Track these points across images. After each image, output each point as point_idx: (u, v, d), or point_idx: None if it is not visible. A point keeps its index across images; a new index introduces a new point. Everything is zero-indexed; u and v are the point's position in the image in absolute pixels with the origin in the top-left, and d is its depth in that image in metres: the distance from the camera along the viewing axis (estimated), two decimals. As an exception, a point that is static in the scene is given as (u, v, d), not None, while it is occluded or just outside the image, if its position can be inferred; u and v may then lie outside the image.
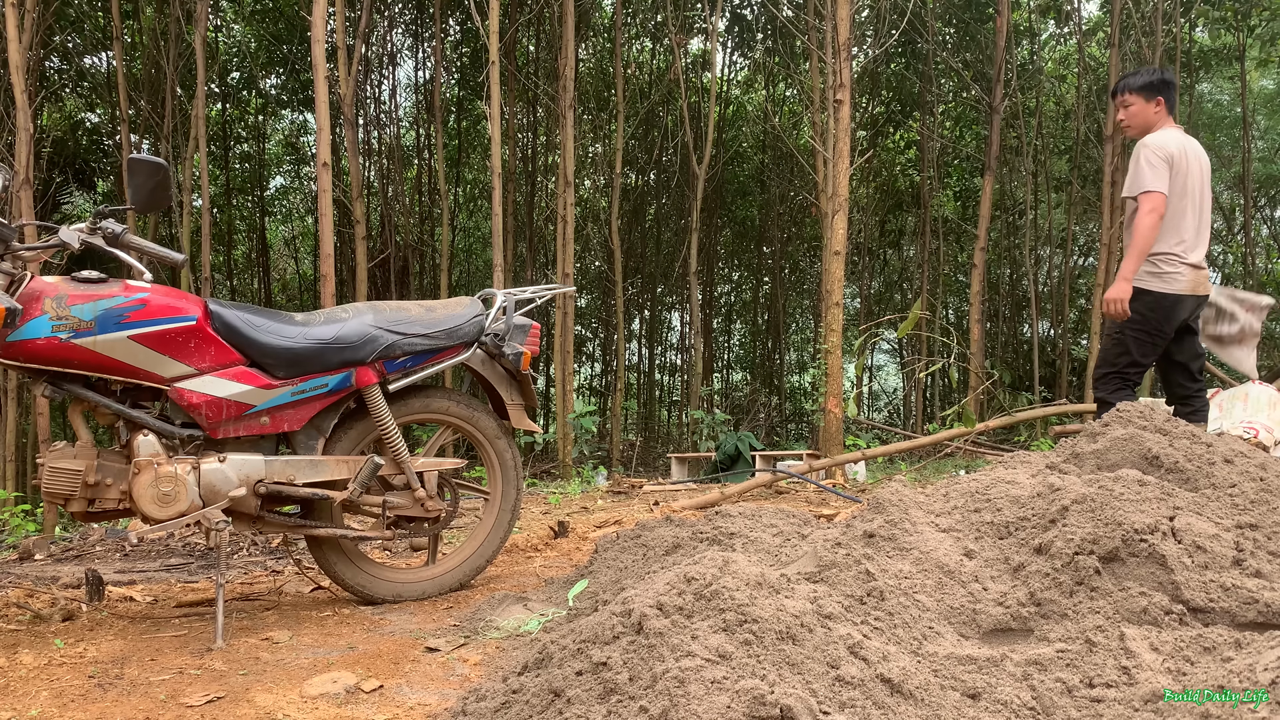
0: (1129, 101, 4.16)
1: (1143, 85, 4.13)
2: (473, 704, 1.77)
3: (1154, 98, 4.12)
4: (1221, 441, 2.56)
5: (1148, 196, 3.94)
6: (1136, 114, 4.16)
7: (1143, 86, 4.13)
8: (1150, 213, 3.92)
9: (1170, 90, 4.13)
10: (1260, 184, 16.19)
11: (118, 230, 2.65)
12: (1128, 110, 4.18)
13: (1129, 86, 4.16)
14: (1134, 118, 4.17)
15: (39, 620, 2.91)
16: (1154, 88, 4.11)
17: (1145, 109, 4.14)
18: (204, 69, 9.57)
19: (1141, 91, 4.13)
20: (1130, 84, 4.17)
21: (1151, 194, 3.94)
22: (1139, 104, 4.14)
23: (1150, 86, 4.11)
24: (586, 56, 14.70)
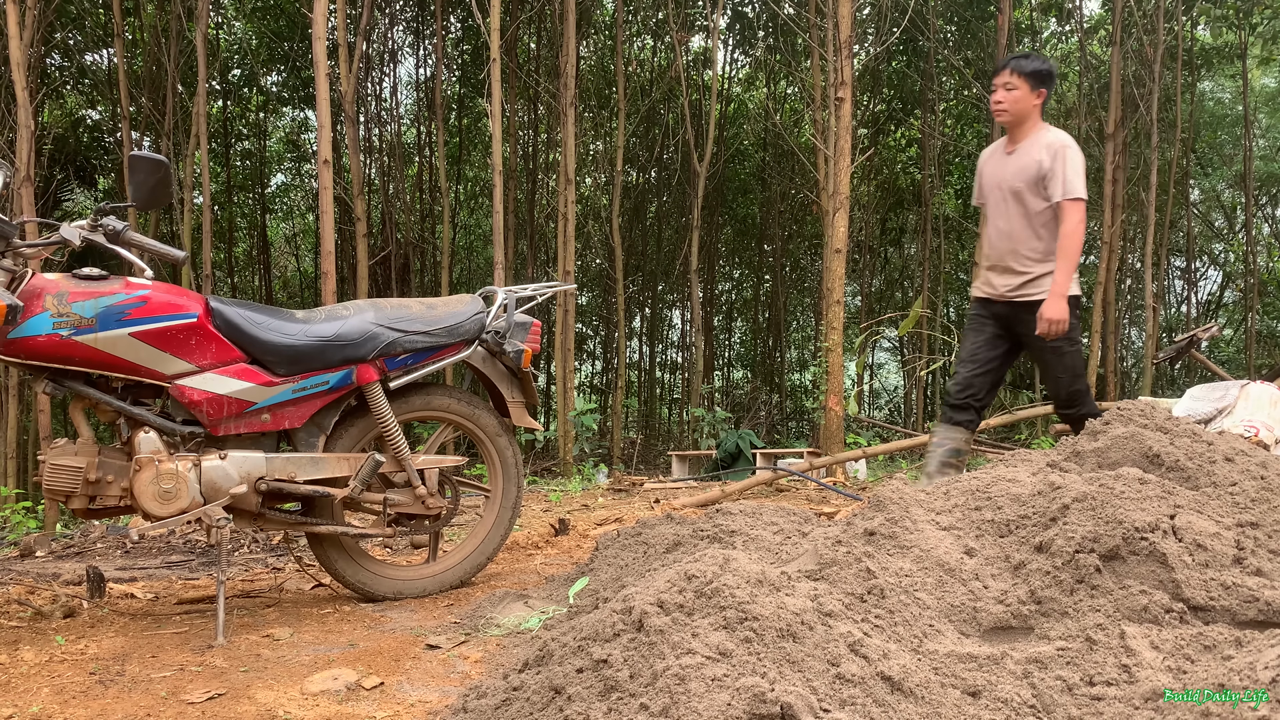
0: (1014, 84, 3.86)
1: (1033, 72, 3.85)
2: (473, 701, 1.77)
3: (1039, 88, 3.85)
4: (1222, 440, 2.55)
5: (1079, 205, 3.75)
6: (1019, 100, 3.86)
7: (1033, 73, 3.85)
8: (1081, 222, 3.74)
9: (1053, 86, 3.90)
10: (1261, 182, 16.17)
11: (119, 227, 2.65)
12: (1010, 94, 3.87)
13: (1020, 69, 3.87)
14: (1015, 103, 3.87)
15: (40, 617, 2.92)
16: (1042, 78, 3.85)
17: (1028, 97, 3.85)
18: (205, 66, 9.56)
19: (1030, 78, 3.85)
20: (1021, 66, 3.87)
21: (1082, 202, 3.76)
22: (1024, 90, 3.85)
23: (1039, 75, 3.85)
24: (588, 54, 14.70)
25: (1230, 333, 18.01)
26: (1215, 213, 18.45)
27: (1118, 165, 10.91)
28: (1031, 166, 3.81)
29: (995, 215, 3.96)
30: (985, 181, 4.05)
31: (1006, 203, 3.90)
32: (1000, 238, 3.93)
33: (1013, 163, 3.90)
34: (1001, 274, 3.93)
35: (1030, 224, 3.84)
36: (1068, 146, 3.78)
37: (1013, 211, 3.88)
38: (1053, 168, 3.76)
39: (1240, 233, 16.32)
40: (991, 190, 3.99)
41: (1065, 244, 3.73)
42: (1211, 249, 18.60)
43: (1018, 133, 3.91)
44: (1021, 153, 3.87)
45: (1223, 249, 18.33)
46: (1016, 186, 3.86)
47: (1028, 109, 3.86)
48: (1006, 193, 3.89)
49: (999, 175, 3.95)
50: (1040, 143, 3.84)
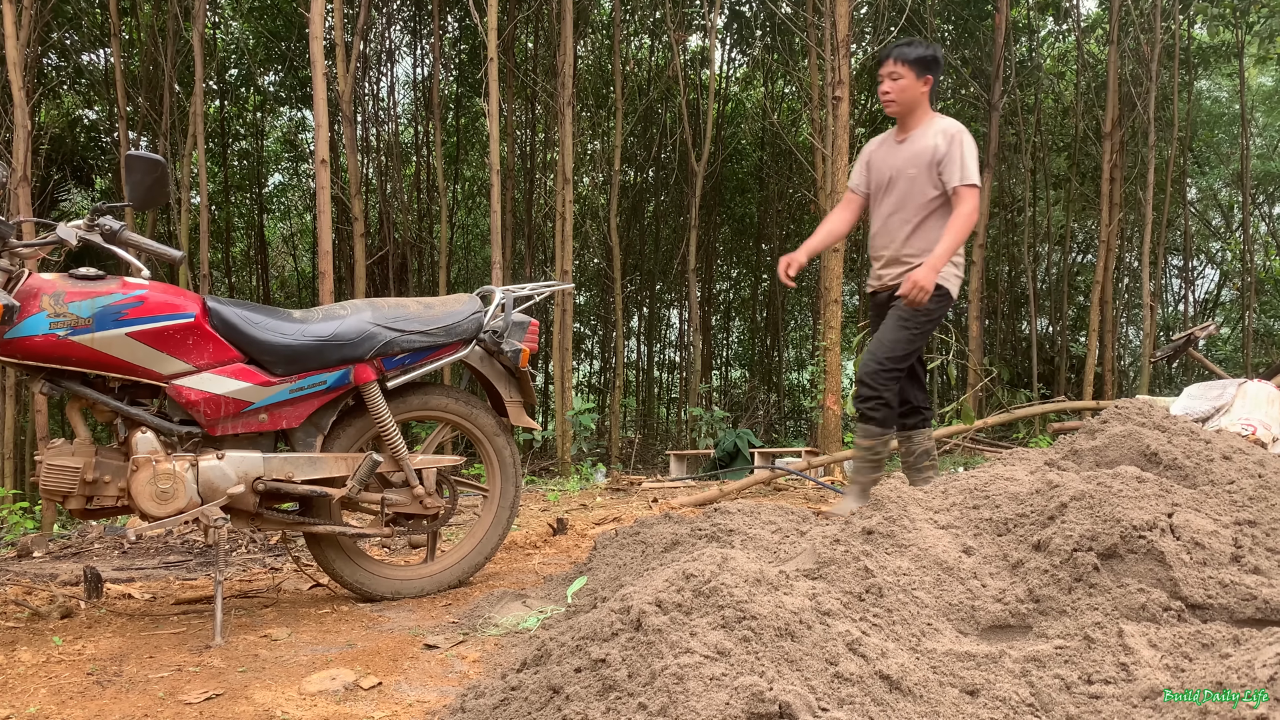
0: (899, 73, 3.72)
1: (918, 59, 3.71)
2: (471, 701, 1.77)
3: (925, 75, 3.72)
4: (1220, 438, 2.56)
5: (974, 192, 3.63)
6: (906, 89, 3.73)
7: (917, 60, 3.71)
8: (975, 210, 3.62)
9: (940, 72, 3.76)
10: (1258, 181, 16.20)
11: (116, 227, 2.64)
12: (896, 83, 3.73)
13: (904, 57, 3.72)
14: (902, 93, 3.74)
15: (37, 617, 2.91)
16: (927, 64, 3.72)
17: (915, 85, 3.73)
18: (202, 66, 9.55)
19: (915, 65, 3.71)
20: (905, 54, 3.72)
21: (977, 189, 3.64)
22: (910, 79, 3.72)
23: (924, 62, 3.71)
24: (585, 53, 14.69)
25: (1227, 331, 18.04)
26: (1212, 211, 18.47)
27: (1115, 164, 10.92)
28: (926, 153, 3.69)
29: (886, 205, 3.84)
30: (874, 172, 3.92)
31: (896, 192, 3.79)
32: (891, 228, 3.82)
33: (905, 151, 3.78)
34: (889, 265, 3.82)
35: (921, 213, 3.73)
36: (963, 132, 3.68)
37: (905, 201, 3.76)
38: (949, 153, 3.65)
39: (1237, 231, 16.34)
40: (883, 180, 3.86)
41: (955, 223, 3.60)
42: (1209, 248, 18.63)
43: (908, 121, 3.79)
44: (914, 140, 3.76)
45: (1220, 248, 18.35)
46: (910, 174, 3.74)
47: (916, 97, 3.74)
48: (899, 181, 3.78)
49: (890, 164, 3.83)
50: (933, 129, 3.72)
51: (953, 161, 3.64)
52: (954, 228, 3.60)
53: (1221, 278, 19.03)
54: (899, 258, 3.78)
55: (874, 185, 3.92)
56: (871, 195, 3.94)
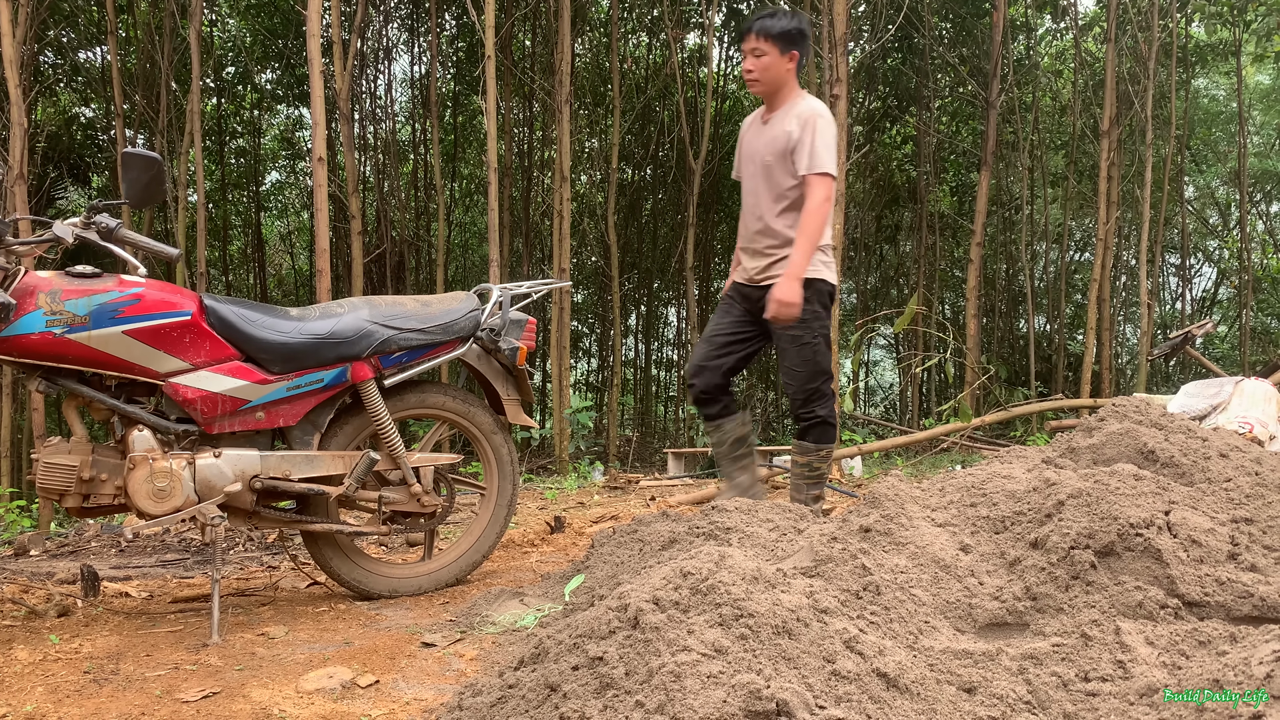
0: (762, 49, 3.43)
1: (782, 32, 3.41)
2: (469, 699, 1.77)
3: (790, 50, 3.44)
4: (1217, 436, 2.56)
5: (827, 180, 3.37)
6: (770, 66, 3.44)
7: (782, 34, 3.42)
8: (828, 200, 3.37)
9: (807, 46, 3.47)
10: (1255, 179, 16.22)
11: (112, 225, 2.64)
12: (759, 60, 3.44)
13: (766, 31, 3.41)
14: (766, 71, 3.45)
15: (34, 616, 2.91)
16: (792, 38, 3.43)
17: (779, 63, 3.45)
18: (199, 64, 9.53)
19: (779, 40, 3.42)
20: (768, 28, 3.41)
21: (830, 178, 3.38)
22: (774, 55, 3.43)
23: (789, 36, 3.42)
24: (583, 51, 14.67)
25: (1224, 329, 18.06)
26: (1210, 209, 18.49)
27: (1112, 162, 10.92)
28: (781, 138, 3.46)
29: (747, 192, 3.62)
30: (742, 154, 3.68)
31: (757, 178, 3.56)
32: (751, 216, 3.60)
33: (766, 134, 3.55)
34: (752, 256, 3.61)
35: (780, 201, 3.49)
36: (819, 116, 3.41)
37: (762, 188, 3.54)
38: (801, 138, 3.39)
39: (1234, 229, 16.36)
40: (746, 164, 3.63)
41: (807, 221, 3.35)
42: (1206, 246, 18.65)
43: (774, 101, 3.54)
44: (774, 123, 3.52)
45: (1217, 246, 18.37)
46: (767, 160, 3.51)
47: (781, 75, 3.47)
48: (758, 167, 3.55)
49: (753, 147, 3.60)
50: (792, 113, 3.46)
51: (804, 147, 3.39)
52: (805, 226, 3.36)
53: (1219, 276, 19.05)
54: (758, 250, 3.56)
55: (742, 171, 3.69)
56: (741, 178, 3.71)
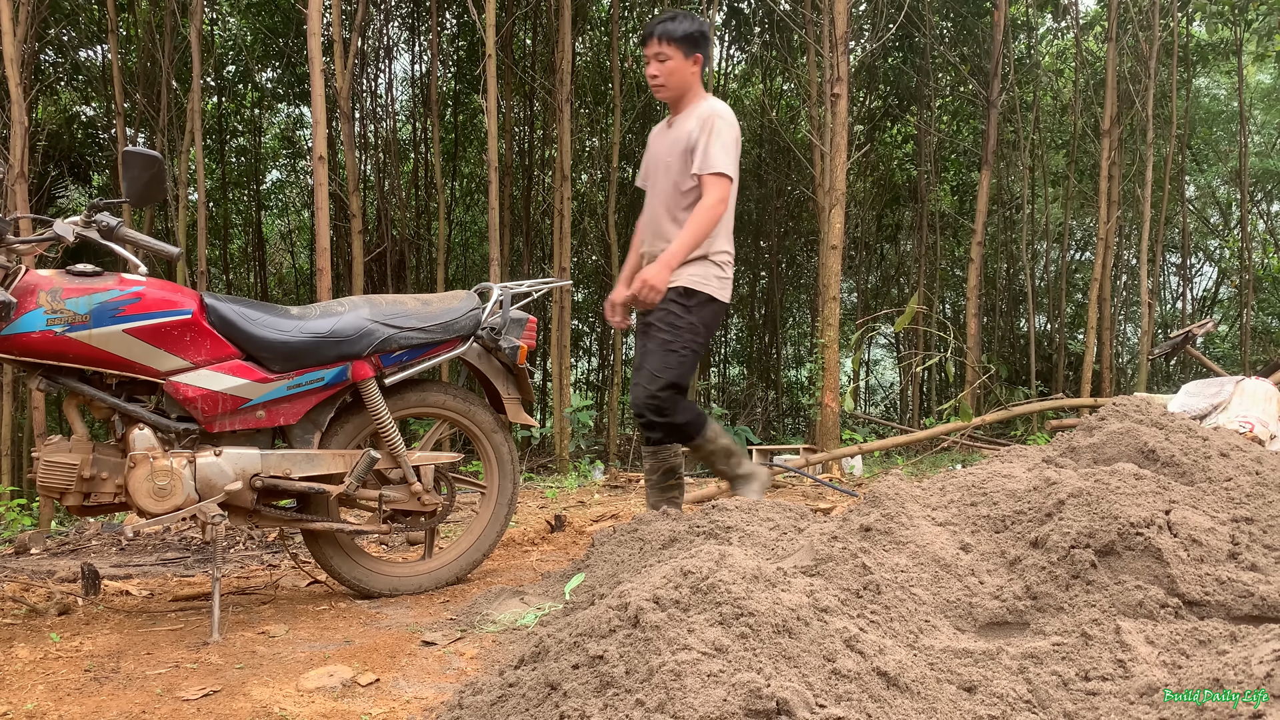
0: (666, 54, 3.34)
1: (685, 35, 3.33)
2: (469, 697, 1.77)
3: (694, 54, 3.37)
4: (1217, 436, 2.56)
5: (723, 182, 3.30)
6: (675, 71, 3.36)
7: (685, 37, 3.33)
8: (723, 202, 3.30)
9: (710, 48, 3.44)
10: (1256, 179, 16.21)
11: (113, 223, 2.64)
12: (664, 65, 3.35)
13: (669, 34, 3.32)
14: (671, 75, 3.37)
15: (35, 614, 2.91)
16: (695, 41, 3.36)
17: (684, 66, 3.37)
18: (200, 62, 9.53)
19: (682, 44, 3.34)
20: (670, 31, 3.33)
21: (728, 180, 3.31)
22: (678, 59, 3.35)
23: (692, 39, 3.34)
24: (583, 50, 14.67)
25: (1225, 328, 18.06)
26: (1210, 209, 18.48)
27: (1113, 161, 10.92)
28: (683, 139, 3.39)
29: (651, 198, 3.55)
30: (648, 161, 3.61)
31: (661, 183, 3.49)
32: (653, 221, 3.53)
33: (669, 138, 3.48)
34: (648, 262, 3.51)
35: (682, 204, 3.42)
36: (718, 116, 3.34)
37: (664, 191, 3.47)
38: (698, 139, 3.33)
39: (1235, 229, 16.36)
40: (652, 170, 3.56)
41: (697, 216, 3.28)
42: (1207, 245, 18.64)
43: (679, 105, 3.46)
44: (678, 126, 3.45)
45: (1218, 245, 18.36)
46: (668, 163, 3.44)
47: (686, 78, 3.39)
48: (661, 171, 3.49)
49: (656, 152, 3.54)
50: (695, 114, 3.40)
51: (700, 147, 3.32)
52: (694, 220, 3.28)
53: (1219, 275, 19.05)
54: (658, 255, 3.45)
55: (643, 173, 3.63)
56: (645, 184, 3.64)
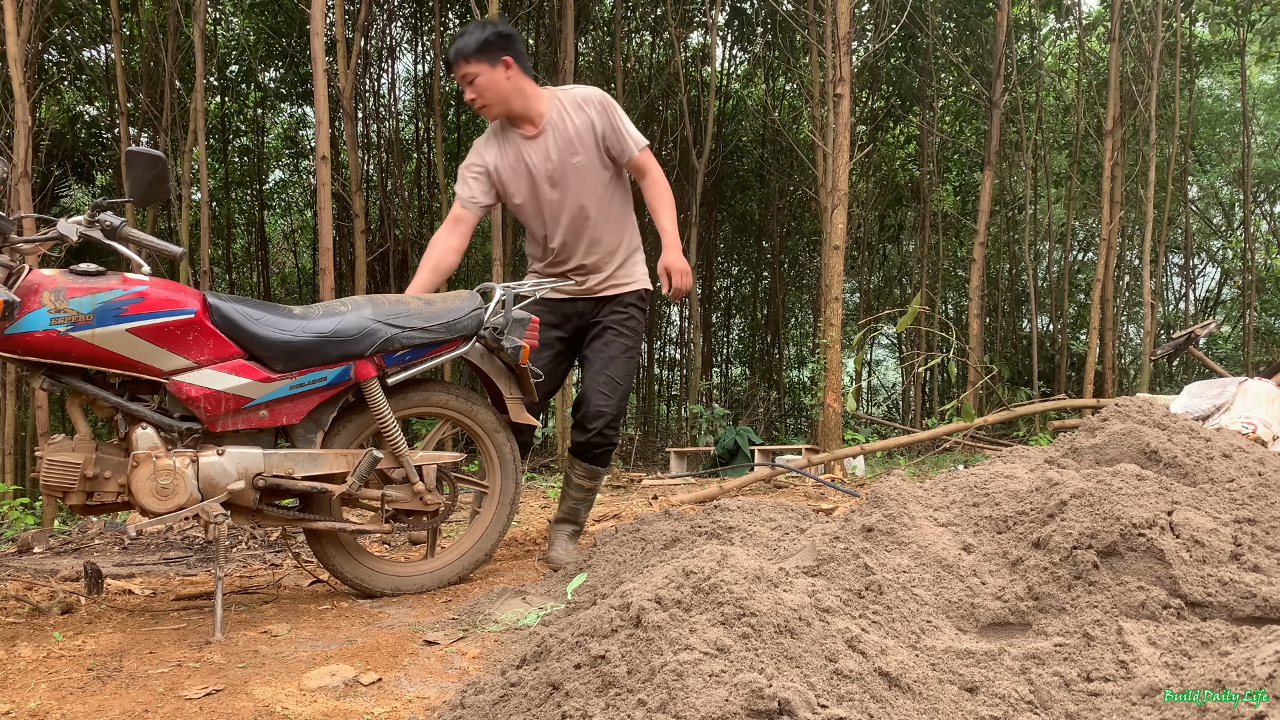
0: (472, 72, 3.23)
1: (480, 47, 3.21)
2: (471, 697, 1.77)
3: (502, 57, 3.23)
4: (1220, 437, 2.56)
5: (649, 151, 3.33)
6: (488, 86, 3.24)
7: (481, 48, 3.21)
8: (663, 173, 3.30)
9: (515, 44, 3.26)
10: (1259, 179, 16.19)
11: (116, 223, 2.64)
12: (475, 85, 3.24)
13: (465, 52, 3.21)
14: (486, 91, 3.25)
15: (37, 613, 2.92)
16: (492, 46, 3.22)
17: (495, 76, 3.24)
18: (203, 62, 9.55)
19: (483, 55, 3.22)
20: (465, 49, 3.21)
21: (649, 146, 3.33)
22: (486, 72, 3.23)
23: (490, 46, 3.21)
24: (586, 50, 14.67)
25: (1228, 329, 18.04)
26: (1213, 210, 18.47)
27: (1116, 162, 10.91)
28: (586, 134, 3.29)
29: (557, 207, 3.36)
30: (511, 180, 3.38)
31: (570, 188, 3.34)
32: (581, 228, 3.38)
33: (552, 142, 3.32)
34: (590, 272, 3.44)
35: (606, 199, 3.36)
36: (605, 97, 3.33)
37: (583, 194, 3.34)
38: (605, 126, 3.29)
39: (1238, 229, 16.34)
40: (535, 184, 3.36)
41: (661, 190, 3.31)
42: (1209, 246, 18.62)
43: (524, 111, 3.31)
44: (556, 128, 3.31)
45: (1221, 246, 18.35)
46: (577, 163, 3.30)
47: (504, 86, 3.26)
48: (566, 176, 3.33)
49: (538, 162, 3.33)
50: (573, 105, 3.31)
51: (617, 130, 3.29)
52: (662, 195, 3.29)
53: (1222, 276, 19.03)
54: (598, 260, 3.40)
55: (518, 193, 3.39)
56: (523, 206, 3.41)
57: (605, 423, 3.37)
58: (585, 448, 3.45)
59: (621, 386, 3.34)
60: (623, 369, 3.35)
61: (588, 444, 3.43)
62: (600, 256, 3.42)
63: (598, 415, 3.36)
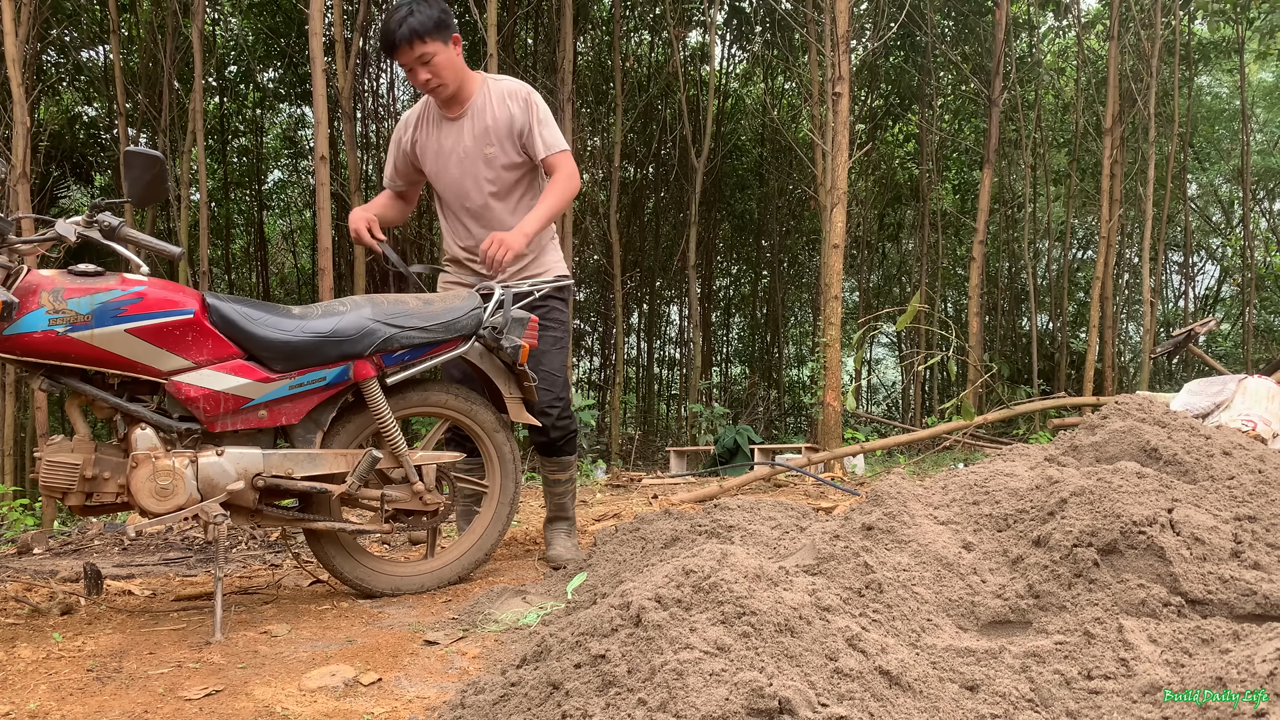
0: (429, 53, 3.10)
1: (438, 24, 3.10)
2: (471, 697, 1.77)
3: (450, 35, 3.16)
4: (1220, 434, 2.56)
5: (570, 156, 3.23)
6: (446, 64, 3.14)
7: (439, 25, 3.11)
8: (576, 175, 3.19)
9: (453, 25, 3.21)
10: (1259, 177, 16.19)
11: (114, 223, 2.64)
12: (433, 64, 3.12)
13: (421, 31, 3.07)
14: (444, 70, 3.15)
15: (37, 614, 2.91)
16: (446, 23, 3.13)
17: (450, 53, 3.15)
18: (201, 62, 9.54)
19: (439, 34, 3.12)
20: (421, 27, 3.07)
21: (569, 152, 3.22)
22: (442, 50, 3.13)
23: (443, 24, 3.12)
24: (585, 49, 14.67)
25: (1228, 327, 18.04)
26: (1213, 207, 18.47)
27: (1115, 160, 10.91)
28: (503, 125, 3.24)
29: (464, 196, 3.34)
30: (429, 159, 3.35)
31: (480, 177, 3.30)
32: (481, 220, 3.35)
33: (468, 129, 3.27)
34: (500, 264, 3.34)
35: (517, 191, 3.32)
36: (531, 93, 3.25)
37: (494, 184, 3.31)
38: (525, 124, 3.23)
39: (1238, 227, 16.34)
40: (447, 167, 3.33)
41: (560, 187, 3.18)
42: (1209, 244, 18.63)
43: (461, 94, 3.27)
44: (477, 115, 3.27)
45: (1220, 244, 18.35)
46: (490, 153, 3.27)
47: (458, 66, 3.19)
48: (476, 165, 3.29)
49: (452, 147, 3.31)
50: (497, 96, 3.25)
51: (533, 131, 3.22)
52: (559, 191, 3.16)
53: (1222, 273, 19.03)
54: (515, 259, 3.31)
55: (430, 172, 3.39)
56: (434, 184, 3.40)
57: (558, 414, 3.39)
58: (549, 444, 3.47)
59: (559, 378, 3.35)
60: (557, 361, 3.35)
61: (550, 440, 3.45)
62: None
63: (549, 410, 3.36)
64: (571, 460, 3.61)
